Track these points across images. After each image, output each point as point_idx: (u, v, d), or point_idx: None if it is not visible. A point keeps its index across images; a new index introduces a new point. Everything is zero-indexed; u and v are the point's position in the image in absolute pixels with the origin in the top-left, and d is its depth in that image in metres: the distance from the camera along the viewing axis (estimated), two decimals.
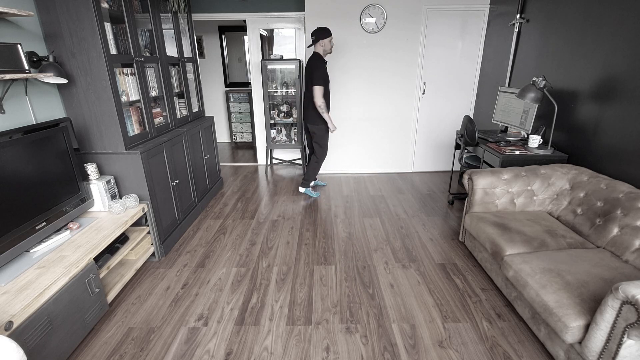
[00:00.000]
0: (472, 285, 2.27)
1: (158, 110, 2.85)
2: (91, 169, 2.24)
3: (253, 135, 5.95)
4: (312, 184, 3.91)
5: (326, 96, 3.33)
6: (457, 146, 3.63)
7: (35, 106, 2.05)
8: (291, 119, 4.62)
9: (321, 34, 3.21)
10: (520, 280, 1.79)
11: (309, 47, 3.44)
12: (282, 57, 4.36)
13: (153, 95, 2.73)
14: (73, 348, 1.74)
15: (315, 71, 3.19)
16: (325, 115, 3.34)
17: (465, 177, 2.58)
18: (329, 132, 3.51)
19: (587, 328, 1.45)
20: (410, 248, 2.73)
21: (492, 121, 3.42)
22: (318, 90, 3.22)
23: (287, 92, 4.56)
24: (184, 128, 3.08)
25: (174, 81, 3.12)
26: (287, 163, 5.02)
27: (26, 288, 1.57)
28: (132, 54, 2.42)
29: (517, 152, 2.72)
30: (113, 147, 2.33)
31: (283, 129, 4.83)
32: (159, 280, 2.37)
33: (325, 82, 3.27)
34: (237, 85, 6.03)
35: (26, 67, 1.79)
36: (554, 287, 1.63)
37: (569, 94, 2.70)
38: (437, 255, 2.63)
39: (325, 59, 3.31)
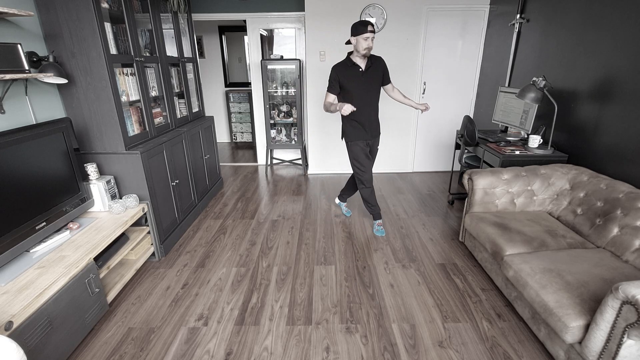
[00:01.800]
0: (472, 285, 2.27)
1: (158, 110, 2.85)
2: (91, 169, 2.24)
3: (253, 135, 5.95)
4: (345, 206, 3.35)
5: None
6: (457, 146, 3.63)
7: (35, 106, 2.05)
8: (291, 119, 4.62)
9: (352, 30, 2.51)
10: (520, 280, 1.79)
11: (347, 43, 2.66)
12: (282, 57, 4.37)
13: (153, 95, 2.73)
14: (73, 348, 1.73)
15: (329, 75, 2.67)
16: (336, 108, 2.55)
17: (465, 177, 2.58)
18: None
19: (587, 328, 1.45)
20: (410, 248, 2.73)
21: (492, 121, 3.42)
22: (325, 97, 2.68)
23: (287, 92, 4.56)
24: (184, 128, 3.08)
25: (174, 81, 3.12)
26: (287, 163, 5.02)
27: (26, 288, 1.57)
28: (132, 54, 2.42)
29: (517, 152, 2.72)
30: (113, 147, 2.33)
31: (283, 129, 4.83)
32: (159, 280, 2.37)
33: (333, 88, 2.63)
34: (237, 85, 6.03)
35: (26, 67, 1.79)
36: (554, 287, 1.63)
37: (569, 94, 2.70)
38: (437, 255, 2.63)
39: (357, 62, 2.58)
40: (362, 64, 2.60)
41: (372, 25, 2.46)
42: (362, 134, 2.73)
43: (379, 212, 2.99)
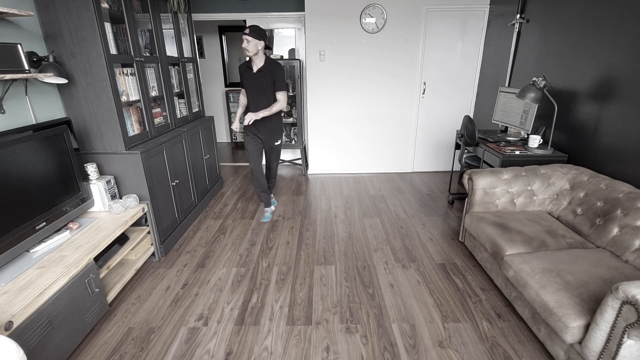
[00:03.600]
0: (472, 285, 2.27)
1: (158, 110, 2.85)
2: (91, 169, 2.24)
3: None
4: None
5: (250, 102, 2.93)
6: (457, 146, 3.63)
7: (35, 106, 2.05)
8: (291, 119, 4.62)
9: None
10: (520, 280, 1.79)
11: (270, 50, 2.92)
12: (282, 57, 4.37)
13: (153, 95, 2.73)
14: (73, 348, 1.74)
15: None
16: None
17: (465, 177, 2.58)
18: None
19: (587, 328, 1.45)
20: (410, 248, 2.73)
21: (492, 121, 3.42)
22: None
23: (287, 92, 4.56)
24: (184, 128, 3.08)
25: (174, 81, 3.12)
26: (287, 163, 5.02)
27: (26, 288, 1.57)
28: (132, 54, 2.42)
29: (517, 152, 2.72)
30: (113, 147, 2.33)
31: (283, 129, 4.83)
32: (159, 280, 2.37)
33: (240, 84, 2.97)
34: (237, 85, 6.03)
35: (26, 67, 1.79)
36: (554, 287, 1.63)
37: (569, 94, 2.70)
38: (437, 255, 2.63)
39: (254, 63, 2.81)
40: (255, 65, 2.80)
41: (249, 29, 2.64)
42: (251, 127, 3.00)
43: (266, 200, 3.26)
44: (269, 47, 2.85)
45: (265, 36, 2.75)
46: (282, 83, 2.86)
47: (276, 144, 3.10)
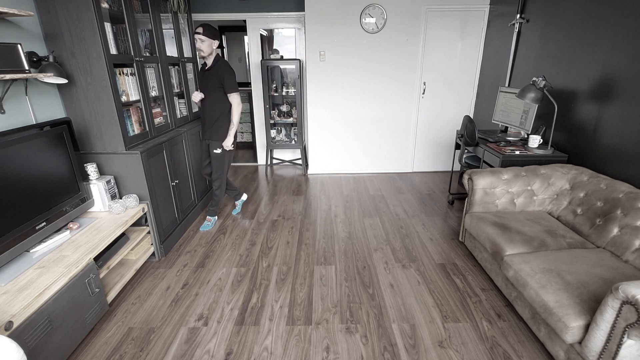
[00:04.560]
0: (472, 285, 2.27)
1: (158, 110, 2.85)
2: (91, 169, 2.24)
3: (253, 135, 5.94)
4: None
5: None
6: (457, 146, 3.63)
7: (35, 106, 2.05)
8: (291, 119, 4.62)
9: None
10: (520, 280, 1.79)
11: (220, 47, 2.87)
12: (282, 56, 4.37)
13: (153, 95, 2.73)
14: (73, 348, 1.73)
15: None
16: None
17: (465, 177, 2.58)
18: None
19: (587, 328, 1.45)
20: (410, 248, 2.73)
21: (492, 121, 3.42)
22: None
23: (287, 92, 4.57)
24: (184, 128, 3.08)
25: (174, 81, 3.12)
26: (287, 163, 5.02)
27: (26, 288, 1.57)
28: (132, 54, 2.42)
29: (517, 152, 2.72)
30: (113, 147, 2.33)
31: (283, 129, 4.83)
32: (159, 280, 2.37)
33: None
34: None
35: (26, 67, 1.79)
36: (554, 287, 1.63)
37: (569, 94, 2.70)
38: (437, 255, 2.63)
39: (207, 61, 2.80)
40: (207, 64, 2.80)
41: (202, 28, 2.62)
42: (202, 129, 3.00)
43: (213, 210, 3.16)
44: (221, 46, 2.82)
45: (218, 35, 2.73)
46: (230, 84, 2.76)
47: (214, 151, 2.90)
